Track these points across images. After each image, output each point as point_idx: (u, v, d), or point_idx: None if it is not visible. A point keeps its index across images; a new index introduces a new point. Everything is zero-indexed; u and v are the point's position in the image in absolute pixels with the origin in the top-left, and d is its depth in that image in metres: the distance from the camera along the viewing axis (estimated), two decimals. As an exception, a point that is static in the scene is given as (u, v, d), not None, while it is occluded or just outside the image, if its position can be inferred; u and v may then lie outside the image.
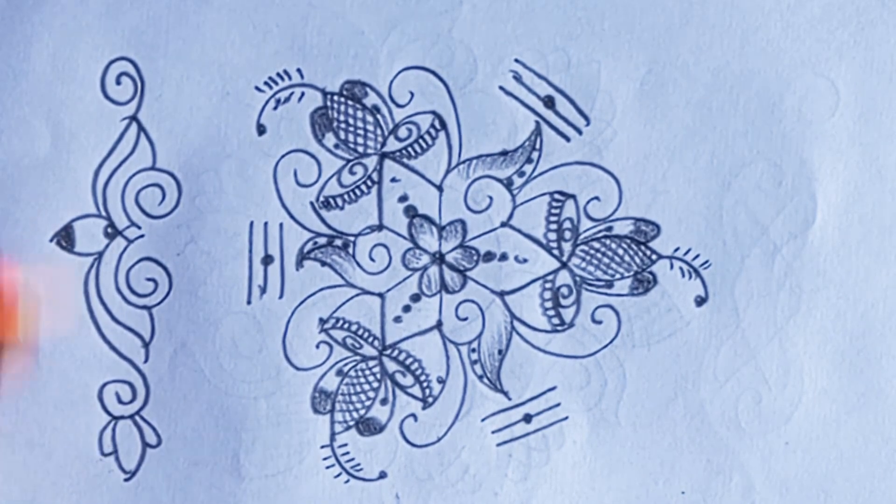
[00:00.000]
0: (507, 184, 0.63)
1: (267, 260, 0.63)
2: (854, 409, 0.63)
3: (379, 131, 0.63)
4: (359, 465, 0.64)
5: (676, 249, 0.63)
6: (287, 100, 0.63)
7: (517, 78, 0.63)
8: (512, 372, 0.63)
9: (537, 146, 0.63)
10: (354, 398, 0.64)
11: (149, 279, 0.63)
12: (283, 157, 0.63)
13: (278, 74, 0.63)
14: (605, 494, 0.63)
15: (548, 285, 0.63)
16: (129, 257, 0.63)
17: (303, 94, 0.63)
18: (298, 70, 0.63)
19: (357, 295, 0.63)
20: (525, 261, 0.63)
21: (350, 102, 0.63)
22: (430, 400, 0.64)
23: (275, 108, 0.63)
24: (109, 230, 0.63)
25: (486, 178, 0.63)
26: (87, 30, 0.63)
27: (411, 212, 0.63)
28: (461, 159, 0.63)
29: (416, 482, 0.64)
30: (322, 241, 0.63)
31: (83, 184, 0.63)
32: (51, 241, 0.63)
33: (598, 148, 0.63)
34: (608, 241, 0.63)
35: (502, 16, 0.63)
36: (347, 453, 0.63)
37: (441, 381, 0.63)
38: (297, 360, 0.63)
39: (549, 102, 0.63)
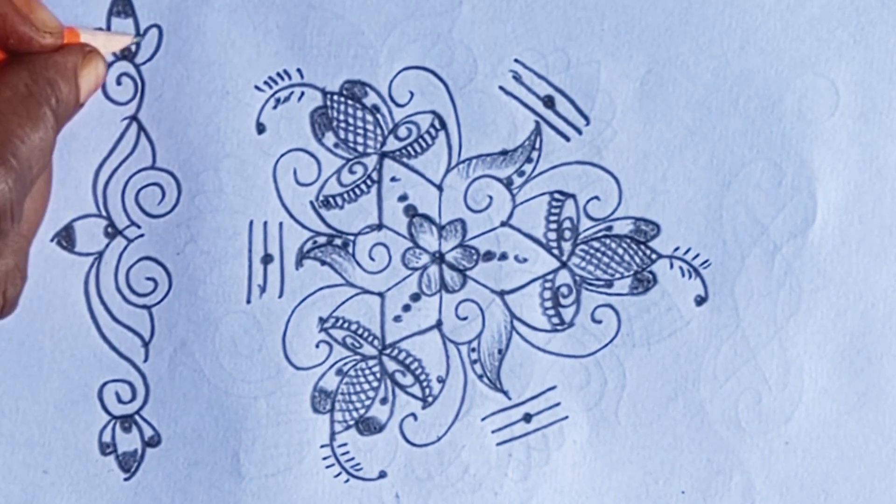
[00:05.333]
0: (507, 183, 0.63)
1: (266, 259, 0.63)
2: (854, 409, 0.63)
3: (379, 131, 0.63)
4: (359, 464, 0.64)
5: (676, 249, 0.63)
6: (287, 99, 0.63)
7: (517, 78, 0.63)
8: (512, 371, 0.63)
9: (537, 146, 0.63)
10: (354, 398, 0.64)
11: (149, 279, 0.63)
12: (282, 156, 0.63)
13: (278, 74, 0.63)
14: (605, 494, 0.63)
15: (548, 285, 0.63)
16: (129, 257, 0.63)
17: (303, 93, 0.63)
18: (298, 70, 0.63)
19: (357, 294, 0.63)
20: (525, 260, 0.63)
21: (350, 102, 0.63)
22: (430, 399, 0.64)
23: (274, 107, 0.63)
24: (109, 230, 0.63)
25: (486, 177, 0.63)
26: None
27: (411, 211, 0.63)
28: (461, 159, 0.63)
29: (416, 482, 0.64)
30: (322, 240, 0.63)
31: (83, 184, 0.63)
32: (51, 241, 0.63)
33: (598, 148, 0.63)
34: (608, 241, 0.63)
35: (502, 16, 0.63)
36: (347, 453, 0.64)
37: (441, 380, 0.63)
38: (297, 360, 0.63)
39: (548, 102, 0.63)
